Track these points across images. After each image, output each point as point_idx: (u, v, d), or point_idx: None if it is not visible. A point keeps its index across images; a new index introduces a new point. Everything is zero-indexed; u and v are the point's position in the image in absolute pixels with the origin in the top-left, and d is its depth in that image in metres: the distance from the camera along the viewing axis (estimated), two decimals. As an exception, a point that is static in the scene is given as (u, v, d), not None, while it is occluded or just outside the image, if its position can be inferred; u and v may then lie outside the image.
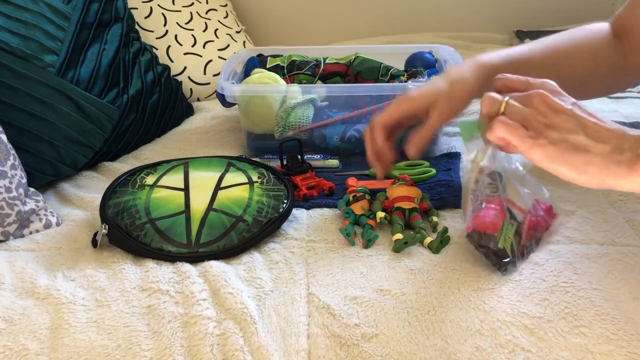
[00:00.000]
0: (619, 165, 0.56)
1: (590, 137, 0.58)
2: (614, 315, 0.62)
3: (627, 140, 0.57)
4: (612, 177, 0.57)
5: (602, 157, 0.57)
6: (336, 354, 0.60)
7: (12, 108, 0.90)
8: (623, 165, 0.56)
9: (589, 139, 0.57)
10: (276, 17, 1.73)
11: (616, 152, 0.56)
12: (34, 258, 0.76)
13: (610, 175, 0.57)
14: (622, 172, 0.56)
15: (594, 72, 0.85)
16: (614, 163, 0.56)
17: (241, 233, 0.76)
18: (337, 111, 1.02)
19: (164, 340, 0.61)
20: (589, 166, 0.57)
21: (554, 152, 0.58)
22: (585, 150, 0.57)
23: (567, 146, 0.57)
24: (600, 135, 0.57)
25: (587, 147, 0.57)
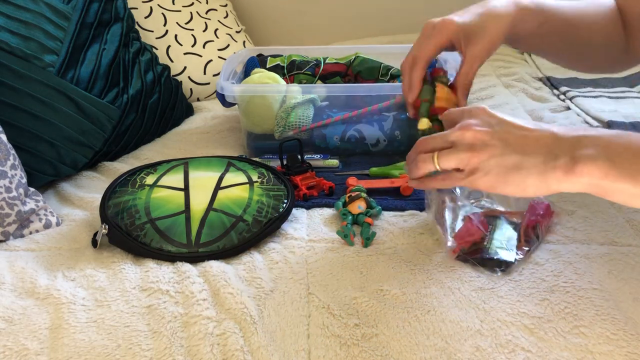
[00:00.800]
0: (555, 171, 0.57)
1: (520, 152, 0.59)
2: (614, 315, 0.62)
3: (559, 144, 0.58)
4: (554, 183, 0.58)
5: (536, 169, 0.58)
6: (336, 354, 0.60)
7: (12, 108, 0.90)
8: (559, 170, 0.57)
9: (518, 155, 0.59)
10: (276, 17, 1.73)
11: (549, 159, 0.58)
12: (34, 258, 0.76)
13: (550, 182, 0.58)
14: (560, 177, 0.57)
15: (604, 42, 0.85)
16: (550, 171, 0.58)
17: (241, 233, 0.76)
18: (337, 111, 1.02)
19: (164, 340, 0.61)
20: (528, 180, 0.59)
21: (491, 180, 0.60)
22: (519, 167, 0.59)
23: (500, 171, 0.59)
24: (528, 148, 0.59)
25: (520, 164, 0.59)
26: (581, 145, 0.57)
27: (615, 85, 1.33)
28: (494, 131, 0.61)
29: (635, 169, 0.55)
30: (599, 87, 1.32)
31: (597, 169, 0.56)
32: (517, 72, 1.42)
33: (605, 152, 0.56)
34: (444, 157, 0.62)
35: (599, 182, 0.56)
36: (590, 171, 0.56)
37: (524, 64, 1.50)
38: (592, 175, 0.56)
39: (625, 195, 0.56)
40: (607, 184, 0.56)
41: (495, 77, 1.40)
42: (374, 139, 1.01)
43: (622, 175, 0.55)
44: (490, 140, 0.60)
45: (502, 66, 1.47)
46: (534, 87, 1.34)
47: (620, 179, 0.55)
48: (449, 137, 0.63)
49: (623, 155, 0.56)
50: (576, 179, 0.57)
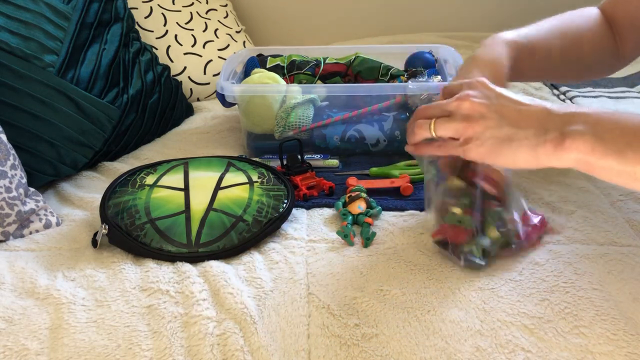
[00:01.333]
0: (545, 144, 0.59)
1: (514, 125, 0.61)
2: (614, 316, 0.62)
3: (551, 120, 0.60)
4: (543, 157, 0.60)
5: (527, 141, 0.60)
6: (336, 354, 0.60)
7: (12, 108, 0.90)
8: (549, 144, 0.59)
9: (512, 128, 0.61)
10: (276, 17, 1.73)
11: (540, 133, 0.60)
12: (34, 258, 0.76)
13: (540, 156, 0.60)
14: (549, 151, 0.59)
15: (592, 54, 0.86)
16: (540, 144, 0.59)
17: (241, 233, 0.76)
18: (337, 111, 1.02)
19: (164, 340, 0.61)
20: (519, 152, 0.60)
21: (485, 150, 0.62)
22: (511, 139, 0.61)
23: (494, 142, 0.61)
24: (522, 122, 0.61)
25: (512, 136, 0.61)
26: (571, 121, 0.59)
27: (615, 85, 1.33)
28: (491, 103, 0.63)
29: (621, 145, 0.56)
30: (599, 87, 1.32)
31: (584, 144, 0.57)
32: (517, 72, 1.42)
33: (594, 129, 0.57)
34: (441, 125, 0.64)
35: (586, 158, 0.57)
36: (577, 146, 0.57)
37: (524, 64, 1.50)
38: (579, 151, 0.57)
39: (610, 172, 0.57)
40: (593, 160, 0.57)
41: (495, 77, 1.40)
42: (374, 139, 1.01)
43: (608, 151, 0.56)
44: (486, 112, 0.62)
45: (502, 66, 1.47)
46: (534, 87, 1.34)
47: (607, 155, 0.56)
48: (447, 106, 0.65)
49: (611, 132, 0.57)
50: (564, 154, 0.58)
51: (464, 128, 0.63)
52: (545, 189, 0.87)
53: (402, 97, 1.00)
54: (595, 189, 0.87)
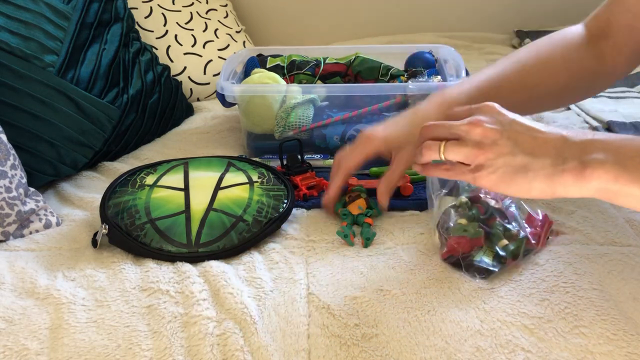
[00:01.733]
0: (563, 174, 0.57)
1: (529, 154, 0.58)
2: (614, 316, 0.62)
3: (568, 148, 0.57)
4: (560, 187, 0.58)
5: (544, 171, 0.57)
6: (336, 354, 0.60)
7: (12, 108, 0.90)
8: (567, 174, 0.57)
9: (527, 157, 0.58)
10: (276, 17, 1.73)
11: (558, 162, 0.57)
12: (34, 258, 0.76)
13: (557, 186, 0.58)
14: (568, 181, 0.57)
15: (568, 83, 0.83)
16: (557, 174, 0.57)
17: (241, 233, 0.76)
18: (337, 111, 1.02)
19: (164, 340, 0.61)
20: (535, 182, 0.58)
21: (497, 179, 0.59)
22: (526, 169, 0.58)
23: (507, 170, 0.59)
24: (537, 150, 0.58)
25: (527, 166, 0.58)
26: (591, 149, 0.56)
27: (615, 85, 1.33)
28: (504, 130, 0.60)
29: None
30: (599, 87, 1.32)
31: (606, 173, 0.55)
32: (517, 72, 1.41)
33: (615, 156, 0.55)
34: (451, 149, 0.62)
35: (609, 187, 0.55)
36: (599, 175, 0.55)
37: (524, 64, 1.49)
38: (601, 180, 0.55)
39: (635, 199, 0.55)
40: (617, 188, 0.55)
41: (495, 77, 1.40)
42: (374, 139, 1.01)
43: (632, 179, 0.54)
44: (499, 139, 0.59)
45: (502, 66, 1.47)
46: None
47: (631, 183, 0.54)
48: (457, 129, 0.62)
49: (633, 160, 0.55)
50: (585, 184, 0.56)
51: (475, 155, 0.60)
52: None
53: (402, 97, 1.00)
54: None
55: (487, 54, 1.59)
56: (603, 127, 1.10)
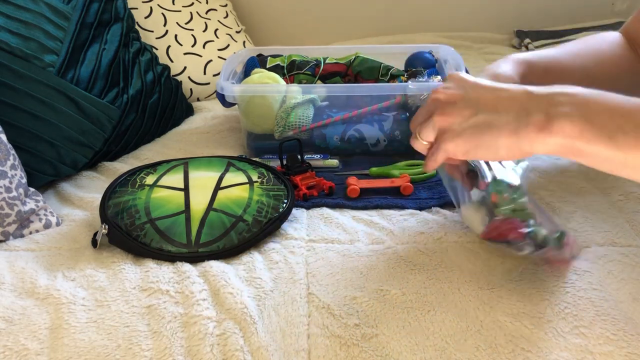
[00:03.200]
0: (527, 127, 0.55)
1: (492, 111, 0.56)
2: (614, 316, 0.62)
3: (533, 101, 0.55)
4: (526, 142, 0.55)
5: (508, 126, 0.55)
6: (336, 354, 0.60)
7: (12, 108, 0.90)
8: (532, 127, 0.54)
9: (490, 114, 0.56)
10: (276, 17, 1.73)
11: (522, 116, 0.55)
12: (34, 258, 0.76)
13: (523, 141, 0.55)
14: (533, 134, 0.55)
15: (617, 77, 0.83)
16: (522, 128, 0.55)
17: (241, 233, 0.76)
18: (337, 111, 1.02)
19: (164, 340, 0.61)
20: (500, 139, 0.56)
21: (463, 142, 0.58)
22: (490, 126, 0.56)
23: (473, 131, 0.57)
24: (500, 106, 0.56)
25: (491, 123, 0.56)
26: (556, 102, 0.54)
27: (615, 85, 1.33)
28: (466, 93, 0.59)
29: (612, 129, 0.52)
30: (599, 87, 1.32)
31: (572, 126, 0.53)
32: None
33: (582, 110, 0.53)
34: (423, 129, 0.61)
35: (573, 142, 0.53)
36: (564, 129, 0.53)
37: (524, 64, 1.49)
38: (566, 134, 0.53)
39: (598, 158, 0.53)
40: (581, 144, 0.53)
41: (495, 77, 1.40)
42: (374, 139, 1.01)
43: (598, 135, 0.52)
44: (460, 102, 0.58)
45: (502, 66, 1.47)
46: (534, 87, 1.34)
47: (596, 140, 0.52)
48: (427, 106, 0.62)
49: (601, 115, 0.53)
50: (549, 138, 0.54)
51: (438, 122, 0.59)
52: (545, 189, 0.87)
53: (402, 97, 1.00)
54: (595, 189, 0.87)
55: (487, 54, 1.59)
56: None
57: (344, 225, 0.81)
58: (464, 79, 0.61)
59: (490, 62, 1.51)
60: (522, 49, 1.62)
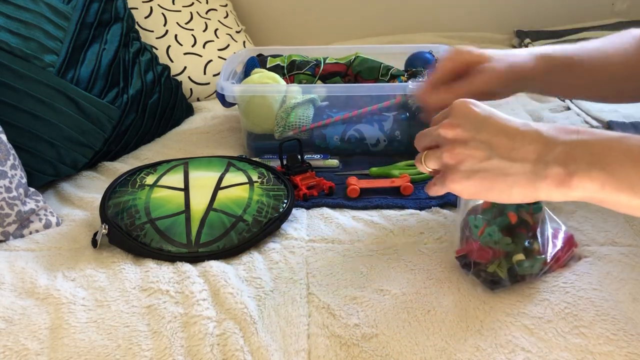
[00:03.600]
0: (545, 180, 0.54)
1: (506, 158, 0.55)
2: (614, 316, 0.62)
3: (550, 151, 0.54)
4: (543, 193, 0.54)
5: (524, 176, 0.54)
6: (336, 354, 0.60)
7: (12, 108, 0.90)
8: (550, 180, 0.53)
9: (504, 161, 0.55)
10: (276, 17, 1.73)
11: (540, 168, 0.54)
12: (34, 258, 0.76)
13: (540, 192, 0.54)
14: (552, 187, 0.54)
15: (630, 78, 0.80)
16: (540, 179, 0.54)
17: (241, 233, 0.76)
18: (337, 111, 1.02)
19: (164, 340, 0.61)
20: (515, 187, 0.55)
21: (473, 185, 0.56)
22: (505, 174, 0.55)
23: (484, 175, 0.55)
24: (516, 154, 0.55)
25: (506, 170, 0.55)
26: (575, 156, 0.53)
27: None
28: (476, 131, 0.56)
29: (633, 180, 0.51)
30: (599, 87, 1.32)
31: (592, 181, 0.52)
32: (517, 72, 1.41)
33: (602, 163, 0.52)
34: (430, 158, 0.60)
35: (595, 194, 0.52)
36: (584, 184, 0.52)
37: (524, 64, 1.49)
38: (586, 189, 0.52)
39: (623, 206, 0.52)
40: (604, 196, 0.52)
41: (495, 77, 1.40)
42: (374, 139, 1.01)
43: (620, 186, 0.51)
44: (471, 142, 0.56)
45: (502, 66, 1.47)
46: (534, 87, 1.34)
47: (617, 191, 0.51)
48: (435, 135, 0.59)
49: (621, 164, 0.51)
50: (569, 192, 0.53)
51: (448, 158, 0.57)
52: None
53: (402, 97, 1.00)
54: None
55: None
56: (603, 127, 1.10)
57: (344, 225, 0.81)
58: (474, 113, 0.57)
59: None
60: (522, 49, 1.62)
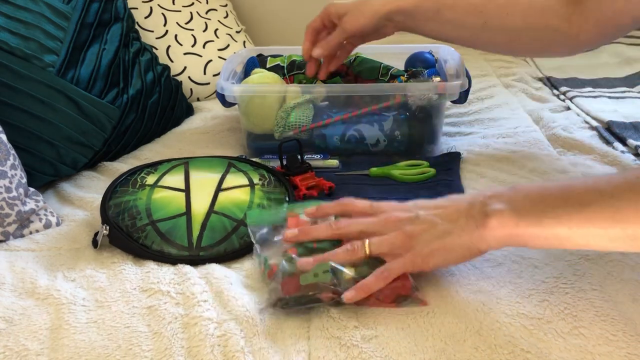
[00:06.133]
0: (478, 230, 0.62)
1: (446, 221, 0.63)
2: (614, 316, 0.62)
3: (474, 206, 0.63)
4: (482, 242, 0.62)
5: (463, 231, 0.62)
6: (336, 355, 0.60)
7: (12, 108, 0.90)
8: (480, 229, 0.61)
9: (446, 224, 0.63)
10: (276, 17, 1.73)
11: (470, 220, 0.62)
12: (34, 258, 0.76)
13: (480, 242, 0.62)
14: (483, 234, 0.61)
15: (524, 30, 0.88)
16: (474, 230, 0.62)
17: (242, 237, 0.76)
18: (337, 111, 1.02)
19: (165, 341, 0.61)
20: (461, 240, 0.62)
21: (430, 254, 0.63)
22: (451, 233, 0.63)
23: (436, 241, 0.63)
24: (452, 217, 0.63)
25: (450, 231, 0.63)
26: (489, 203, 0.62)
27: (615, 85, 1.33)
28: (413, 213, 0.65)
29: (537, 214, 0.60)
30: (599, 87, 1.32)
31: (506, 219, 0.60)
32: (517, 72, 1.42)
33: (510, 205, 0.61)
34: (376, 244, 0.65)
35: (513, 231, 0.60)
36: (501, 222, 0.60)
37: (524, 64, 1.50)
38: (505, 227, 0.60)
39: (537, 239, 0.60)
40: (522, 232, 0.60)
41: (495, 77, 1.40)
42: (374, 139, 1.01)
43: (529, 222, 0.60)
44: (415, 219, 0.64)
45: (502, 66, 1.47)
46: (534, 87, 1.34)
47: (530, 226, 0.60)
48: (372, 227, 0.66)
49: (524, 204, 0.61)
50: (495, 233, 0.61)
51: (401, 241, 0.64)
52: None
53: (402, 97, 1.00)
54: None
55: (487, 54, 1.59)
56: (603, 127, 1.10)
57: (344, 226, 0.80)
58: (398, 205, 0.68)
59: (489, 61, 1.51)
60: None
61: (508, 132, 1.09)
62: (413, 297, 0.65)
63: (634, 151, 1.00)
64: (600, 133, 1.07)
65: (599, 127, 1.10)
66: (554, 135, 1.07)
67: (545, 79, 1.39)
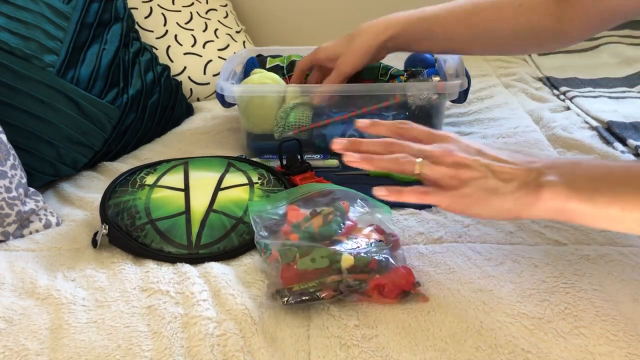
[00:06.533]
0: (527, 197, 0.61)
1: (499, 179, 0.62)
2: (614, 316, 0.62)
3: (531, 172, 0.62)
4: (526, 210, 0.61)
5: (512, 195, 0.61)
6: (336, 354, 0.60)
7: (12, 108, 0.90)
8: (529, 196, 0.61)
9: (498, 181, 0.62)
10: (276, 17, 1.73)
11: (522, 187, 0.61)
12: (34, 258, 0.76)
13: (523, 208, 0.61)
14: (531, 202, 0.61)
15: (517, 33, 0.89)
16: (523, 197, 0.61)
17: (242, 235, 0.76)
18: (337, 111, 1.02)
19: (164, 340, 0.61)
20: (504, 205, 0.62)
21: (471, 201, 0.62)
22: (497, 193, 0.62)
23: (481, 194, 0.62)
24: (506, 176, 0.62)
25: (498, 189, 0.62)
26: (545, 174, 0.61)
27: (615, 85, 1.33)
28: (474, 157, 0.64)
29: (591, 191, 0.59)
30: (599, 87, 1.32)
31: (558, 193, 0.60)
32: (517, 72, 1.42)
33: (566, 178, 0.60)
34: (430, 166, 0.64)
35: (564, 205, 0.60)
36: (552, 195, 0.60)
37: (524, 64, 1.50)
38: (555, 200, 0.60)
39: (587, 217, 0.59)
40: (571, 207, 0.59)
41: (495, 77, 1.40)
42: (373, 139, 1.01)
43: (581, 198, 0.59)
44: (472, 164, 0.63)
45: (502, 66, 1.47)
46: (534, 87, 1.34)
47: (581, 202, 0.59)
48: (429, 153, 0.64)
49: (581, 179, 0.60)
50: (542, 204, 0.60)
51: (452, 174, 0.63)
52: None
53: (402, 97, 1.00)
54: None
55: (487, 54, 1.59)
56: (603, 127, 1.10)
57: (344, 226, 0.80)
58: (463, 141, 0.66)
59: (489, 61, 1.51)
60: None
61: (508, 132, 1.09)
62: (415, 292, 0.66)
63: (634, 151, 1.00)
64: (600, 133, 1.07)
65: (599, 127, 1.10)
66: (554, 135, 1.07)
67: (545, 79, 1.39)
